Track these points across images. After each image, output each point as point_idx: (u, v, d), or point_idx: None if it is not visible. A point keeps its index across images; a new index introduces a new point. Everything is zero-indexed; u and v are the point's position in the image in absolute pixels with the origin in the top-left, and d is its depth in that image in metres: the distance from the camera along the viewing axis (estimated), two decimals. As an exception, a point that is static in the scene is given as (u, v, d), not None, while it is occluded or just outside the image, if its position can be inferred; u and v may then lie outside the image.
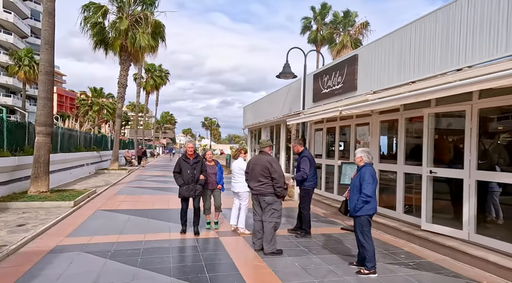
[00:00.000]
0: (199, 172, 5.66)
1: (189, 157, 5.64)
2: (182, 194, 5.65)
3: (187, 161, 5.62)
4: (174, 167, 5.71)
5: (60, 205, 7.44)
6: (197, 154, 5.80)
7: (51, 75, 8.36)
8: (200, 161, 5.71)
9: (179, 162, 5.67)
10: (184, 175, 5.57)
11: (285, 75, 10.44)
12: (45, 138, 8.30)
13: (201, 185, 5.70)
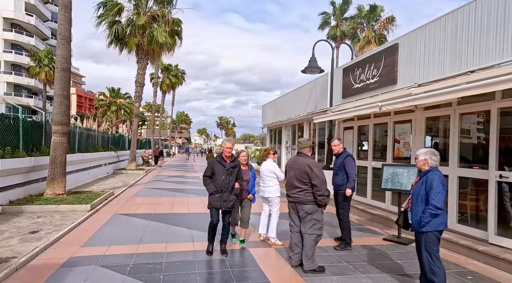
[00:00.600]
0: (235, 179, 4.65)
1: (225, 159, 4.64)
2: (213, 204, 4.62)
3: (223, 164, 4.60)
4: (205, 170, 4.70)
5: (76, 209, 7.04)
6: (234, 157, 4.78)
7: (68, 72, 7.99)
8: (238, 166, 4.73)
9: (212, 164, 4.63)
10: (218, 181, 4.56)
11: (311, 70, 9.74)
12: (61, 138, 7.94)
13: (236, 195, 4.70)
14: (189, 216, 7.32)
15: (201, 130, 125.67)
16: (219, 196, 4.56)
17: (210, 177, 4.66)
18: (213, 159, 4.71)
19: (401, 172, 5.68)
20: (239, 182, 4.75)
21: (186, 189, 11.92)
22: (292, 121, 13.70)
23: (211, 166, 4.63)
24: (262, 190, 5.55)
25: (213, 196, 4.59)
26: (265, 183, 5.49)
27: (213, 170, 4.61)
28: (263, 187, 5.52)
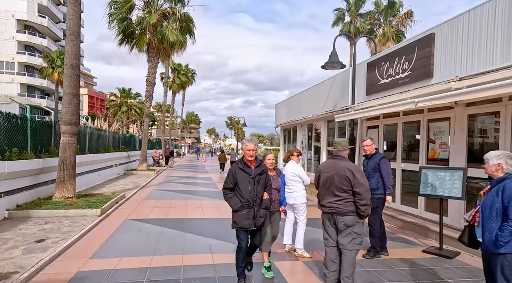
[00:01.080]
0: (263, 187, 3.75)
1: (249, 165, 3.69)
2: (240, 223, 3.61)
3: (247, 171, 3.66)
4: (226, 181, 3.72)
5: (86, 214, 6.63)
6: (259, 161, 3.85)
7: (77, 69, 7.61)
8: (265, 171, 3.80)
9: (234, 173, 3.68)
10: (243, 193, 3.61)
11: (332, 65, 9.11)
12: (70, 138, 7.57)
13: (266, 208, 3.79)
14: (204, 222, 6.84)
15: (210, 130, 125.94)
16: (247, 213, 3.60)
17: (233, 189, 3.69)
18: (234, 167, 3.78)
19: (443, 176, 5.06)
20: (268, 191, 3.84)
21: (199, 191, 11.47)
22: (308, 120, 13.10)
23: (232, 175, 3.68)
24: (286, 196, 5.00)
25: (239, 214, 3.61)
26: (289, 188, 4.95)
27: (235, 180, 3.66)
28: (287, 193, 4.97)
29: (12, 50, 41.37)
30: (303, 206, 4.95)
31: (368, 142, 5.20)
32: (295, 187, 4.92)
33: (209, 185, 13.57)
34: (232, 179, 3.70)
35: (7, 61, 41.41)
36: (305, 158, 14.10)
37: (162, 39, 17.11)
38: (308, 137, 13.90)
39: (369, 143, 5.17)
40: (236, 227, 3.69)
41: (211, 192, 11.51)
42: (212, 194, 10.85)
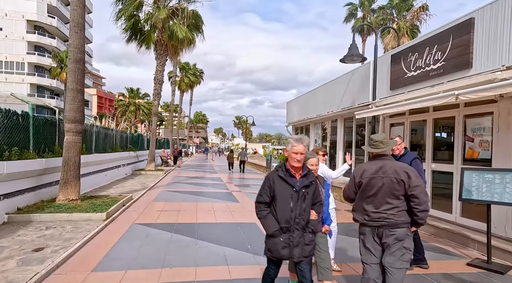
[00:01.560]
0: (310, 204, 2.78)
1: (293, 173, 2.74)
2: (275, 253, 2.72)
3: (290, 181, 2.72)
4: (260, 193, 2.79)
5: (91, 218, 6.18)
6: (307, 170, 2.83)
7: (82, 63, 7.17)
8: (313, 183, 2.81)
9: (271, 182, 2.74)
10: (283, 211, 2.68)
11: (352, 58, 8.50)
12: (75, 137, 7.14)
13: (314, 233, 2.80)
14: (217, 227, 6.31)
15: (218, 130, 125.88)
16: (286, 239, 2.66)
17: (268, 204, 2.75)
18: (272, 174, 2.81)
19: (491, 178, 4.42)
20: (317, 209, 2.86)
21: (209, 193, 10.97)
22: (323, 118, 12.50)
23: (269, 186, 2.73)
24: None
25: (276, 240, 2.67)
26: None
27: (272, 191, 2.72)
28: None
29: (22, 51, 41.69)
30: (333, 212, 4.38)
31: (398, 140, 4.60)
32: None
33: (219, 186, 13.08)
34: (268, 191, 2.73)
35: (17, 61, 41.75)
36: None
37: (171, 36, 16.68)
38: (322, 135, 13.28)
39: (398, 141, 4.57)
40: (270, 256, 2.77)
41: (221, 193, 11.00)
42: (222, 196, 10.34)
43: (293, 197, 2.70)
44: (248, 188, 12.72)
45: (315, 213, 2.83)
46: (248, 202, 9.20)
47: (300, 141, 2.75)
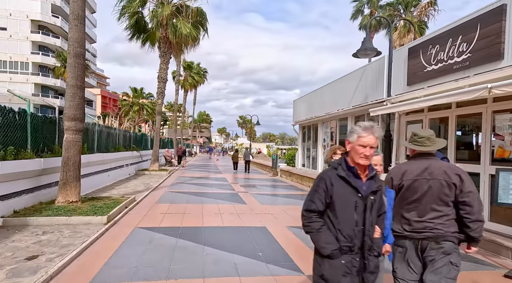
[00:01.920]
0: (376, 217, 2.08)
1: (358, 173, 2.02)
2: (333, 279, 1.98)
3: (354, 183, 2.00)
4: (309, 197, 2.07)
5: (91, 221, 5.81)
6: (374, 171, 2.10)
7: (82, 58, 6.82)
8: (381, 188, 2.11)
9: (328, 181, 2.01)
10: (344, 225, 1.98)
11: (365, 53, 8.06)
12: (75, 136, 6.78)
13: (378, 255, 2.09)
14: (225, 231, 5.92)
15: (221, 130, 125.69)
16: (348, 262, 1.97)
17: (322, 213, 2.03)
18: (329, 173, 2.05)
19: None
20: (381, 224, 2.14)
21: (214, 194, 10.59)
22: (332, 116, 12.05)
23: (325, 188, 2.00)
24: None
25: (335, 263, 1.97)
26: None
27: (329, 197, 1.99)
28: None
29: (27, 51, 41.68)
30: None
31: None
32: None
33: (225, 186, 12.69)
34: (323, 196, 1.98)
35: (22, 61, 41.74)
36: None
37: (175, 33, 16.35)
38: (331, 134, 12.84)
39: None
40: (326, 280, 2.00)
41: (227, 194, 10.62)
42: (228, 197, 9.95)
43: (358, 205, 1.95)
44: (254, 188, 12.32)
45: (379, 230, 2.08)
46: (255, 204, 8.80)
47: (371, 131, 1.96)
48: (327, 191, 2.00)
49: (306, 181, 13.34)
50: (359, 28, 26.62)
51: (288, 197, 10.56)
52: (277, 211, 7.93)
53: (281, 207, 8.64)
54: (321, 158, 13.62)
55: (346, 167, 2.03)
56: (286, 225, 6.53)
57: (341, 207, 1.98)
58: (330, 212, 2.01)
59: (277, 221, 6.84)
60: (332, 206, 2.00)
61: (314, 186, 2.10)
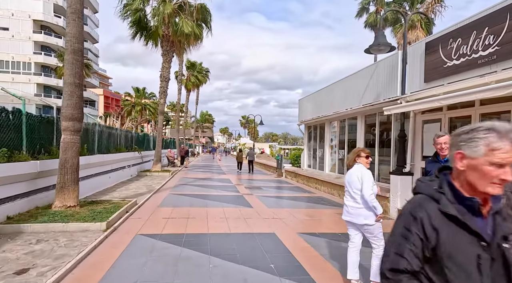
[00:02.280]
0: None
1: (481, 205, 1.20)
2: None
3: (473, 225, 1.17)
4: (397, 249, 1.22)
5: (89, 228, 5.44)
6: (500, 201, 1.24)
7: (80, 55, 6.45)
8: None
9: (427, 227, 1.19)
10: None
11: (378, 48, 7.63)
12: (72, 136, 6.42)
13: None
14: (232, 238, 5.52)
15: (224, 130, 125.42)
16: None
17: (416, 273, 1.21)
18: (426, 207, 1.23)
19: None
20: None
21: (219, 196, 10.20)
22: (341, 115, 11.63)
23: (423, 234, 1.20)
24: (350, 213, 3.64)
25: None
26: (355, 201, 3.59)
27: (431, 249, 1.19)
28: (353, 208, 3.60)
29: (29, 51, 41.55)
30: (378, 227, 3.56)
31: (448, 138, 3.70)
32: (362, 200, 3.54)
33: (229, 188, 12.31)
34: (419, 248, 1.21)
35: (24, 61, 41.63)
36: (335, 158, 12.63)
37: (177, 31, 15.99)
38: (340, 134, 12.42)
39: (445, 139, 3.67)
40: None
41: (232, 197, 10.23)
42: (234, 200, 9.56)
43: (482, 261, 1.16)
44: (259, 190, 11.92)
45: None
46: (262, 207, 8.41)
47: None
48: (427, 239, 1.19)
49: (312, 182, 12.93)
50: (365, 26, 26.14)
51: (295, 199, 10.15)
52: (285, 215, 7.53)
53: (288, 210, 8.24)
54: (328, 158, 13.21)
55: (455, 198, 1.22)
56: (296, 231, 6.14)
57: (453, 266, 1.17)
58: (433, 273, 1.20)
59: (286, 227, 6.44)
60: (437, 264, 1.20)
61: (400, 230, 1.25)
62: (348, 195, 3.71)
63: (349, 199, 3.67)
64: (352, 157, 3.79)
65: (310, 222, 6.98)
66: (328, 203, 9.46)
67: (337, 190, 10.59)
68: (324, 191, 11.59)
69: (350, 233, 3.74)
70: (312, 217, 7.51)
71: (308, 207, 8.87)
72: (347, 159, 3.87)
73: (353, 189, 3.60)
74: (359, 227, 3.59)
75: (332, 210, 8.38)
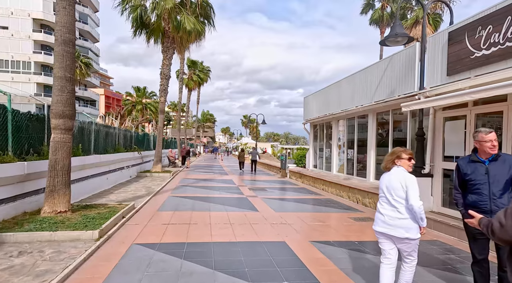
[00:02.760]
0: None
1: None
2: None
3: None
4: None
5: (79, 237, 4.89)
6: None
7: (71, 46, 5.90)
8: None
9: None
10: None
11: (395, 40, 7.08)
12: (63, 135, 5.87)
13: None
14: (238, 248, 4.96)
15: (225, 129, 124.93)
16: None
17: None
18: None
19: None
20: None
21: (222, 198, 9.65)
22: (350, 113, 11.05)
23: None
24: (388, 223, 3.06)
25: None
26: (396, 210, 3.01)
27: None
28: (392, 219, 3.02)
29: (29, 50, 41.12)
30: (414, 244, 2.99)
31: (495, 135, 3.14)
32: (404, 209, 2.97)
33: (232, 190, 11.75)
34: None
35: (24, 60, 41.19)
36: (343, 158, 12.05)
37: (178, 27, 15.44)
38: (348, 133, 11.83)
39: (492, 137, 3.11)
40: None
41: (236, 199, 9.68)
42: (238, 203, 9.00)
43: None
44: (264, 192, 11.36)
45: None
46: (269, 211, 7.85)
47: None
48: None
49: (319, 183, 12.36)
50: (370, 23, 25.57)
51: (302, 202, 9.58)
52: (294, 220, 6.98)
53: (297, 214, 7.69)
54: (336, 158, 12.63)
55: None
56: (308, 238, 5.58)
57: None
58: None
59: (296, 234, 5.88)
60: None
61: None
62: (385, 202, 3.10)
63: (386, 207, 3.07)
64: (391, 158, 3.20)
65: (322, 228, 6.41)
66: (338, 206, 8.89)
67: (346, 191, 10.02)
68: (332, 193, 11.02)
69: (384, 247, 3.15)
70: (323, 222, 6.94)
71: (317, 211, 8.31)
72: (385, 161, 3.27)
73: (394, 196, 2.99)
74: (396, 241, 3.02)
75: (344, 214, 7.82)
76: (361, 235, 6.01)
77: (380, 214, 3.09)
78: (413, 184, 2.91)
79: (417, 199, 2.87)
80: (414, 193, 2.88)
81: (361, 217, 7.54)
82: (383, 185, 3.14)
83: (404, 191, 2.93)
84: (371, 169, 9.88)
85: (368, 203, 8.73)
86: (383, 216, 3.06)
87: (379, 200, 3.19)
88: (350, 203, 9.45)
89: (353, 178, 10.95)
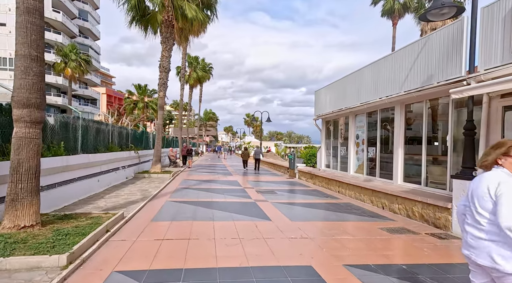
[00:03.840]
0: None
1: None
2: None
3: None
4: None
5: (39, 265, 3.66)
6: None
7: (38, 16, 4.65)
8: None
9: None
10: None
11: (440, 11, 5.76)
12: (29, 130, 4.65)
13: None
14: (252, 277, 3.70)
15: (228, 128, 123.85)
16: None
17: None
18: None
19: None
20: None
21: (227, 204, 8.40)
22: (371, 106, 9.75)
23: None
24: (471, 245, 1.87)
25: None
26: (480, 227, 1.82)
27: None
28: (474, 239, 1.85)
29: (27, 47, 40.03)
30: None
31: None
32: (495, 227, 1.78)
33: (238, 192, 10.50)
34: None
35: (22, 58, 40.15)
36: (363, 157, 10.76)
37: (176, 15, 14.22)
38: (368, 129, 10.54)
39: None
40: None
41: (243, 204, 8.44)
42: (246, 209, 7.75)
43: None
44: (273, 195, 10.11)
45: None
46: (283, 220, 6.61)
47: None
48: None
49: (334, 185, 11.09)
50: (382, 14, 24.22)
51: (319, 207, 8.33)
52: (316, 233, 5.74)
53: (317, 224, 6.46)
54: (353, 157, 11.33)
55: None
56: (340, 261, 4.31)
57: None
58: None
59: (324, 253, 4.63)
60: None
61: None
62: (469, 214, 2.00)
63: (469, 223, 1.99)
64: (495, 153, 1.99)
65: (352, 243, 5.15)
66: (361, 213, 7.63)
67: (368, 195, 8.75)
68: (351, 196, 9.75)
69: (474, 278, 2.02)
70: (352, 235, 5.68)
71: (339, 219, 7.04)
72: (482, 157, 2.08)
73: (477, 208, 1.91)
74: (487, 271, 1.85)
75: (372, 224, 6.55)
76: (405, 256, 4.76)
77: (464, 231, 2.09)
78: (509, 195, 1.75)
79: (510, 216, 1.71)
80: (507, 209, 1.73)
81: (394, 227, 6.27)
82: (469, 191, 2.11)
83: (492, 203, 1.78)
84: (398, 170, 8.59)
85: (398, 209, 7.45)
86: (467, 234, 2.05)
87: (465, 212, 2.08)
88: (375, 208, 8.18)
89: (375, 180, 9.66)
